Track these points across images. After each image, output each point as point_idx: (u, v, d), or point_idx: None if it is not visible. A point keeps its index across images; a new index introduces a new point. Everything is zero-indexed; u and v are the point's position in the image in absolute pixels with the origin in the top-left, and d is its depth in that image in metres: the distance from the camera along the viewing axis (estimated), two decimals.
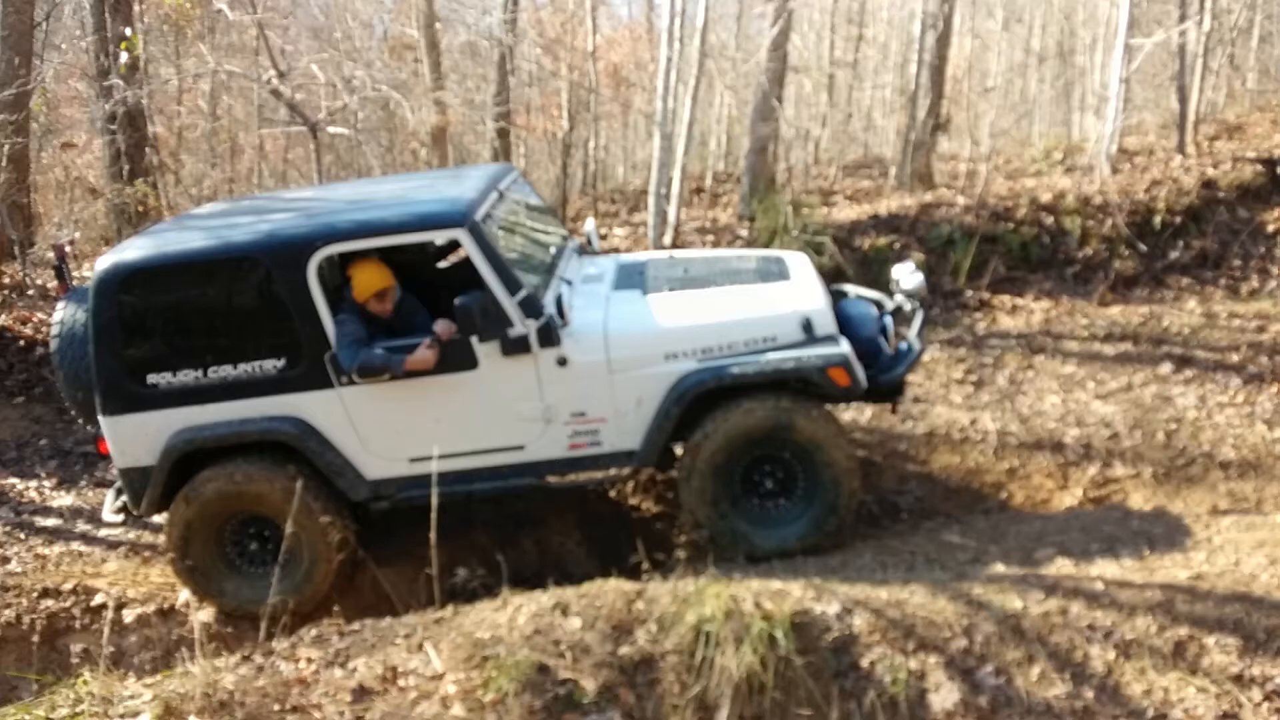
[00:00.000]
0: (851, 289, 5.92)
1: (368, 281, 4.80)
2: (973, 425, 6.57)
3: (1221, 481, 5.99)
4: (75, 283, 5.33)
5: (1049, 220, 9.35)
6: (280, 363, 4.74)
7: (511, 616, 3.80)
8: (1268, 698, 3.42)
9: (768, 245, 9.13)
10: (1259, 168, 9.64)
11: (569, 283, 5.21)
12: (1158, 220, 9.26)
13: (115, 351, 4.72)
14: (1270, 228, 9.24)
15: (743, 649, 3.53)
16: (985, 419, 6.62)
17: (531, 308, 4.67)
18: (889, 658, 3.63)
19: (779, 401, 4.75)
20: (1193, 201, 9.44)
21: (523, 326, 4.65)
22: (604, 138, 15.79)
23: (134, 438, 4.84)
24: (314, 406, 4.79)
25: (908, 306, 5.52)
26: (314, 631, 3.98)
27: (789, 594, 3.86)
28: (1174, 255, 9.19)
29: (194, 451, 4.81)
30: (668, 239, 8.94)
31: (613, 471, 4.98)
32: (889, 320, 5.44)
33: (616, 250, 9.44)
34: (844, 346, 4.83)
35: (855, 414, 6.72)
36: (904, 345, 5.33)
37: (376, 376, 4.66)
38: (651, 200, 8.89)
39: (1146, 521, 5.24)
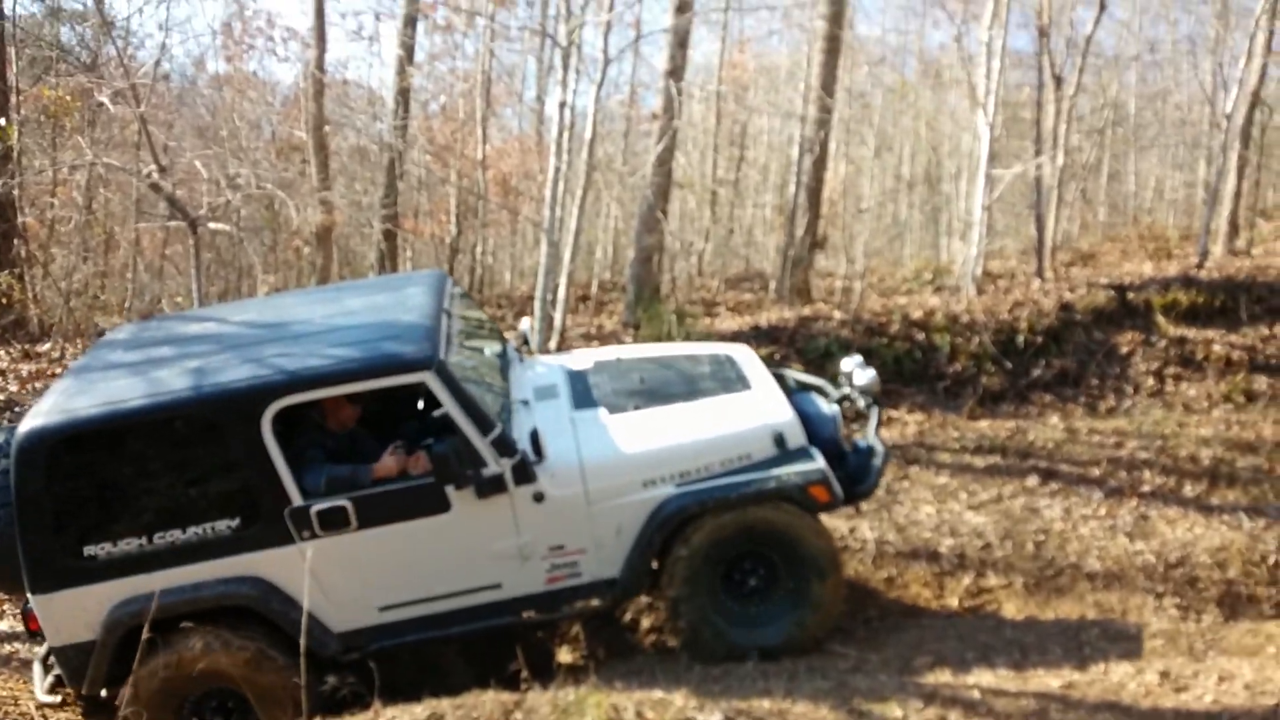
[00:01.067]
0: (791, 375, 5.83)
1: (345, 414, 4.69)
2: (852, 534, 6.63)
3: (1088, 592, 6.16)
4: None
5: (920, 336, 9.74)
6: (234, 522, 4.37)
7: None
8: None
9: None
10: (1111, 293, 10.30)
11: (525, 403, 5.04)
12: (1020, 339, 9.74)
13: (44, 526, 4.26)
14: (1123, 349, 9.83)
15: None
16: (864, 528, 6.69)
17: (505, 446, 4.46)
18: None
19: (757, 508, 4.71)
20: (1052, 323, 9.98)
21: (497, 466, 4.44)
22: (491, 244, 15.90)
23: (70, 614, 4.37)
24: (274, 564, 4.42)
25: (862, 403, 5.51)
26: None
27: (671, 703, 3.74)
28: (1037, 373, 9.65)
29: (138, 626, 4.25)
30: (553, 344, 8.94)
31: (594, 603, 4.77)
32: (837, 412, 5.37)
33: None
34: (820, 461, 4.77)
35: None
36: (861, 442, 5.29)
37: (343, 491, 4.39)
38: (538, 306, 8.91)
39: (1019, 630, 5.34)
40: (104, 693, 4.54)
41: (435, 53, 15.90)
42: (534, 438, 4.51)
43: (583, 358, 5.86)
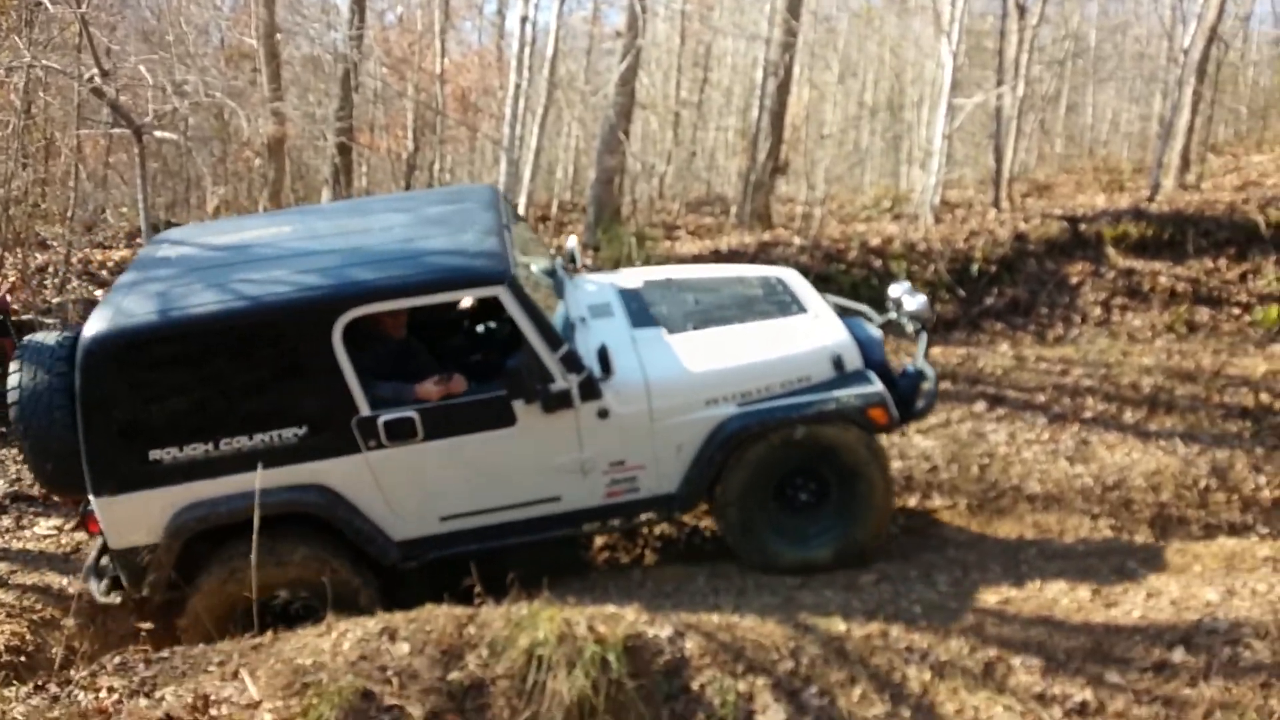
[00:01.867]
0: (832, 300, 5.82)
1: (394, 323, 4.68)
2: None
3: (1028, 513, 6.38)
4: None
5: (878, 263, 9.82)
6: (301, 430, 4.38)
7: (336, 642, 3.63)
8: (1067, 715, 3.63)
9: None
10: (1064, 224, 10.43)
11: (583, 320, 5.07)
12: (975, 268, 9.86)
13: (109, 429, 4.24)
14: (1074, 279, 10.00)
15: (575, 673, 3.50)
16: None
17: (573, 362, 4.50)
18: (719, 680, 3.67)
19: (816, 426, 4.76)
20: (1006, 252, 10.11)
21: (564, 382, 4.48)
22: (450, 161, 15.62)
23: (133, 518, 4.38)
24: (339, 473, 4.46)
25: (910, 329, 5.58)
26: (117, 659, 3.68)
27: (622, 618, 3.85)
28: (989, 301, 9.80)
29: (203, 531, 4.37)
30: None
31: (651, 517, 4.87)
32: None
33: None
34: (878, 384, 4.85)
35: None
36: (910, 367, 5.37)
37: (388, 408, 4.41)
38: None
39: (961, 549, 5.53)
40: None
41: None
42: (602, 355, 4.54)
43: (631, 277, 5.87)
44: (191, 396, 4.35)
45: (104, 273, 10.02)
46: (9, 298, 4.80)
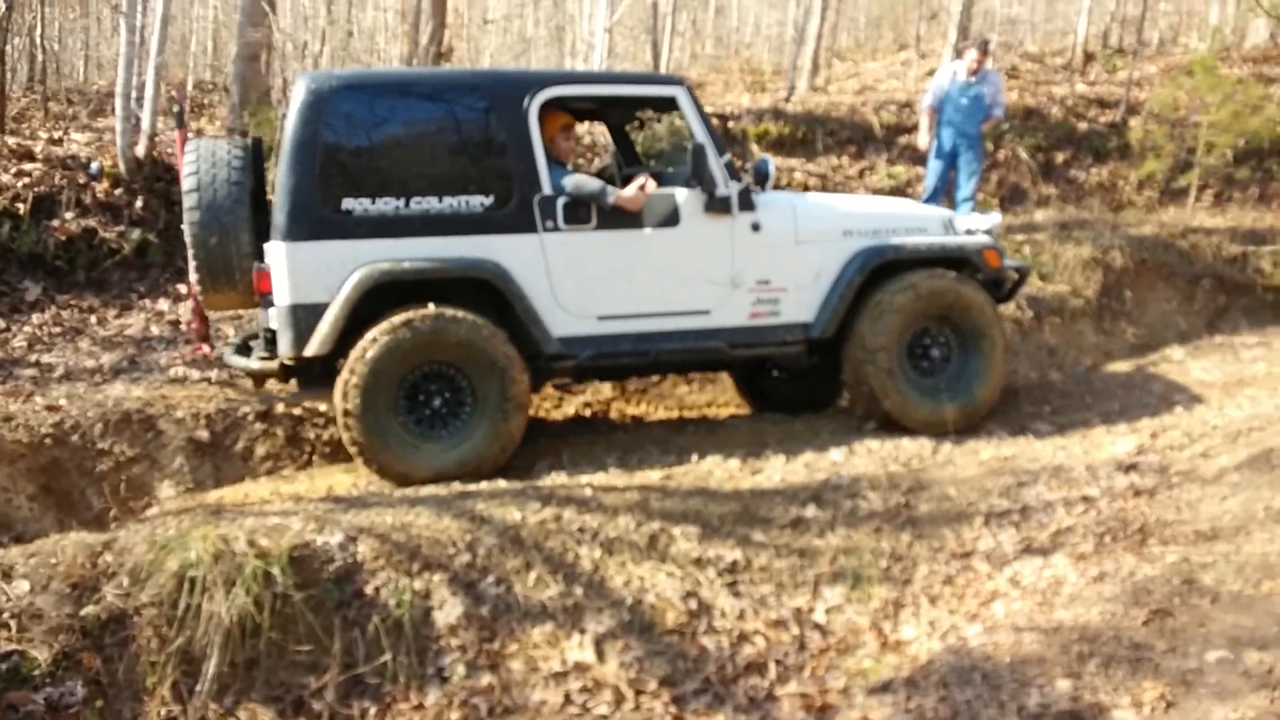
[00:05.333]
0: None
1: (554, 118, 5.02)
2: None
3: (688, 394, 6.82)
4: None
5: None
6: (488, 200, 4.71)
7: None
8: (720, 574, 3.97)
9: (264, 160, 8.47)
10: (715, 121, 10.99)
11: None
12: None
13: (310, 171, 4.48)
14: None
15: (235, 591, 3.28)
16: None
17: (733, 170, 5.02)
18: (393, 581, 3.61)
19: (951, 274, 5.24)
20: None
21: (726, 188, 4.96)
22: (57, 27, 13.48)
23: (314, 268, 4.53)
24: (514, 251, 4.74)
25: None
26: None
27: (288, 528, 3.66)
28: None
29: (381, 287, 4.54)
30: (141, 149, 7.89)
31: (788, 343, 5.19)
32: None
33: None
34: (988, 236, 5.53)
35: None
36: (1011, 262, 5.83)
37: (586, 200, 4.80)
38: (119, 103, 7.75)
39: (628, 433, 5.81)
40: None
41: None
42: (760, 170, 5.11)
43: None
44: (392, 151, 4.66)
45: None
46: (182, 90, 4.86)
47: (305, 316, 4.55)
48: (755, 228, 5.08)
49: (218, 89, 12.34)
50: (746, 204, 5.05)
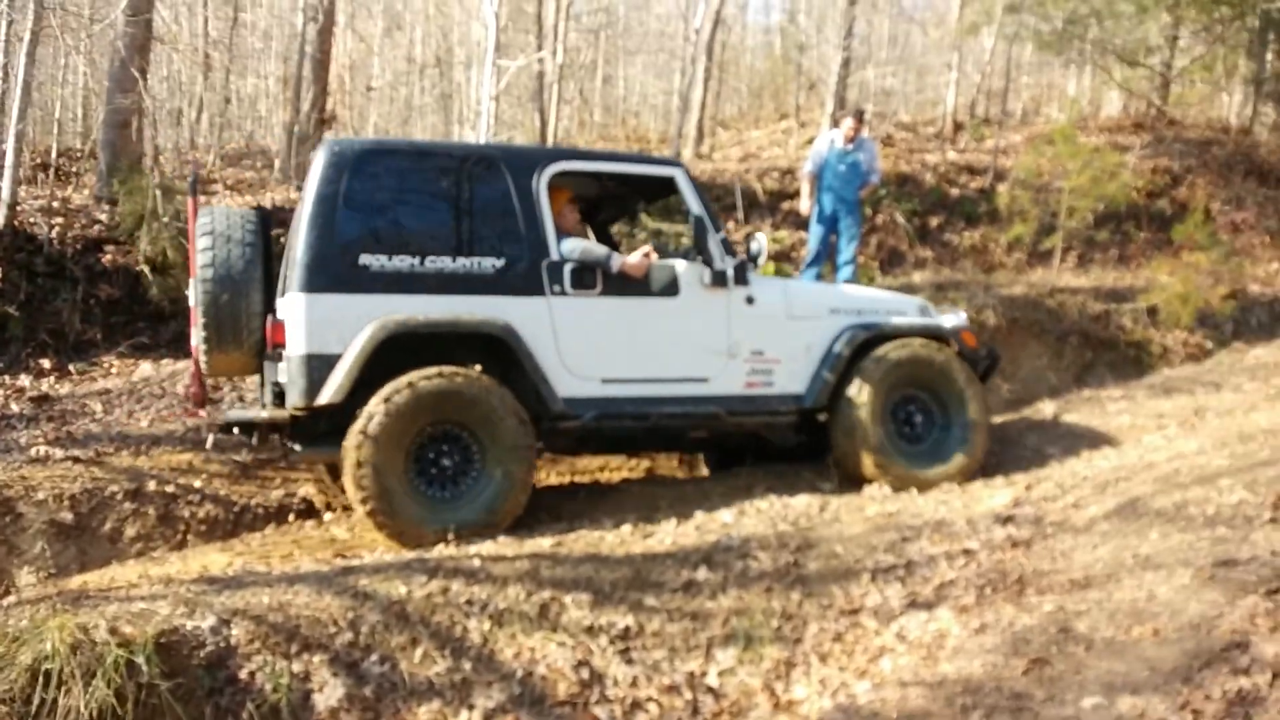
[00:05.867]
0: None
1: (560, 193, 5.36)
2: None
3: (580, 460, 6.77)
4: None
5: None
6: (499, 263, 4.96)
7: None
8: (612, 641, 3.91)
9: (133, 231, 8.19)
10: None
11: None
12: None
13: (331, 227, 4.72)
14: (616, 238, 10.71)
15: (94, 684, 3.07)
16: None
17: (729, 247, 5.40)
18: (270, 664, 3.44)
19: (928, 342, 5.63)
20: None
21: (722, 263, 5.33)
22: None
23: (330, 320, 4.71)
24: (522, 312, 4.98)
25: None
26: None
27: (155, 613, 3.46)
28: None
29: (395, 339, 4.70)
30: (1, 219, 7.54)
31: (781, 413, 5.46)
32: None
33: None
34: (963, 318, 6.04)
35: None
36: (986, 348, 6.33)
37: (593, 265, 5.11)
38: None
39: None
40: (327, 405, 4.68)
41: None
42: (748, 249, 5.47)
43: None
44: (409, 213, 4.88)
45: None
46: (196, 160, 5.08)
47: (319, 366, 4.69)
48: (750, 301, 5.43)
49: (85, 156, 11.93)
50: (742, 279, 5.40)
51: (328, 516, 5.87)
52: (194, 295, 5.07)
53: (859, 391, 5.49)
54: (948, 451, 5.66)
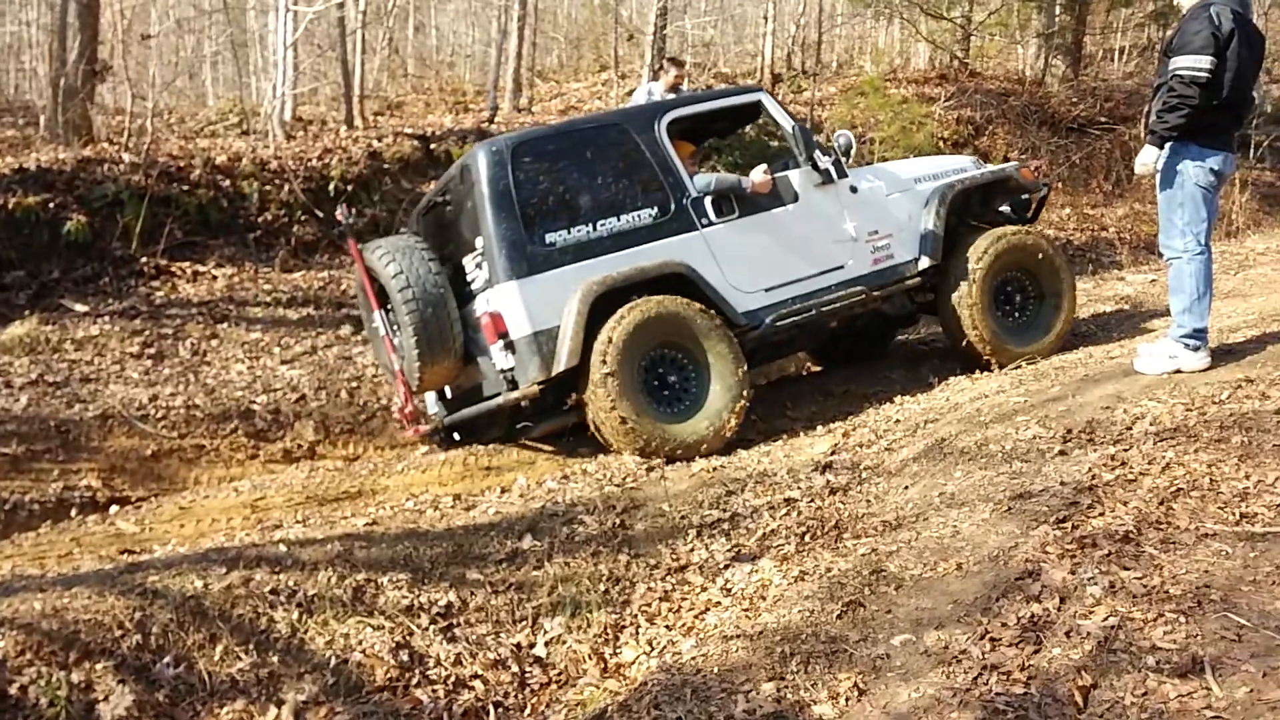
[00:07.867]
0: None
1: (682, 150, 5.94)
2: (153, 402, 6.09)
3: (398, 430, 6.52)
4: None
5: (226, 184, 9.13)
6: (654, 211, 5.55)
7: None
8: (434, 620, 3.75)
9: None
10: (416, 143, 10.70)
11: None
12: (332, 187, 9.68)
13: (514, 218, 5.25)
14: None
15: None
16: (167, 394, 6.19)
17: (823, 149, 6.04)
18: (45, 676, 3.10)
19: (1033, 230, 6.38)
20: (362, 171, 10.08)
21: (823, 162, 5.96)
22: None
23: (542, 297, 5.20)
24: (686, 248, 5.54)
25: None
26: None
27: None
28: (350, 221, 9.72)
29: (600, 298, 5.20)
30: None
31: (908, 277, 6.06)
32: None
33: None
34: (1014, 166, 6.70)
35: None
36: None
37: (726, 193, 5.71)
38: None
39: (329, 478, 5.44)
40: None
41: None
42: (845, 145, 6.11)
43: None
44: (568, 188, 5.43)
45: None
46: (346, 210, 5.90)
47: (546, 340, 5.20)
48: (854, 190, 6.10)
49: None
50: (842, 172, 6.05)
51: (113, 510, 5.41)
52: (383, 325, 5.68)
53: (976, 267, 6.10)
54: (1044, 330, 6.31)
